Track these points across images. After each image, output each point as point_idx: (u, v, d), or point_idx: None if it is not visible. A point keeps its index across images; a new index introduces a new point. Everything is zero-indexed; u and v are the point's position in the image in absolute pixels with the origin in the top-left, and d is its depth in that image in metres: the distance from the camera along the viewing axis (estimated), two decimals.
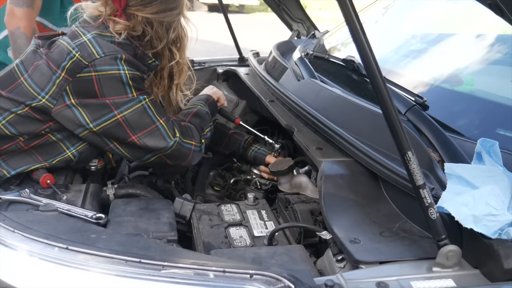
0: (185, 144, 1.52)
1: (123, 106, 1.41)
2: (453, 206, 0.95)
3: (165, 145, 1.47)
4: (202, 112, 1.70)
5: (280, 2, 2.70)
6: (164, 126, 1.47)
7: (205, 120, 1.68)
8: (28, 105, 1.41)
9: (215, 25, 5.92)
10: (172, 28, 1.55)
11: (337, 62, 1.87)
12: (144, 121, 1.44)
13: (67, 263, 0.92)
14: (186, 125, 1.59)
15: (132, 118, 1.42)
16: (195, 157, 1.57)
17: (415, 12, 2.16)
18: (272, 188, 1.76)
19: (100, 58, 1.37)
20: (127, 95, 1.41)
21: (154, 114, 1.46)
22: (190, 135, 1.56)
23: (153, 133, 1.46)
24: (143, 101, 1.44)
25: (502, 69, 1.58)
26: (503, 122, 1.28)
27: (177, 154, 1.51)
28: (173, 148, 1.49)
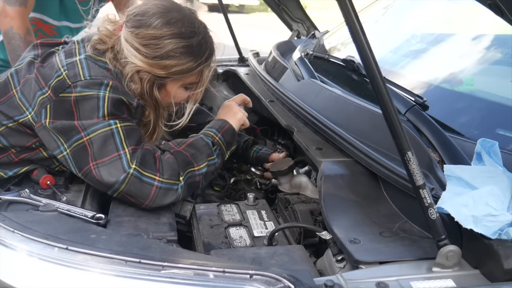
0: (144, 178, 1.30)
1: (90, 127, 1.30)
2: (452, 207, 0.95)
3: (116, 179, 1.28)
4: (199, 144, 1.46)
5: (280, 2, 2.70)
6: (127, 156, 1.30)
7: (201, 152, 1.44)
8: (17, 120, 1.40)
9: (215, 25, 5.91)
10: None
11: (337, 62, 1.87)
12: (107, 148, 1.30)
13: (67, 263, 0.92)
14: (159, 157, 1.37)
15: (96, 141, 1.30)
16: (160, 196, 1.32)
17: (415, 12, 2.16)
18: (272, 188, 1.75)
19: (84, 81, 1.32)
20: (98, 118, 1.31)
21: (122, 141, 1.31)
22: (155, 168, 1.33)
23: (112, 163, 1.29)
24: (113, 125, 1.31)
25: (502, 69, 1.58)
26: (503, 122, 1.28)
27: (134, 190, 1.30)
28: (127, 181, 1.29)
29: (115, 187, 1.30)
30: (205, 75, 1.49)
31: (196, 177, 1.41)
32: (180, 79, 1.45)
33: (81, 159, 1.32)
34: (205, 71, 1.48)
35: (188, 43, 1.40)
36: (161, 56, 1.38)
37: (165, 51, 1.38)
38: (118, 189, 1.30)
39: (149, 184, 1.31)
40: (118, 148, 1.30)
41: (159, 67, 1.40)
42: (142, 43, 1.38)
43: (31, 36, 2.13)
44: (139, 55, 1.38)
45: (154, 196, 1.31)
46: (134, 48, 1.38)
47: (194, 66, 1.43)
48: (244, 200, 1.56)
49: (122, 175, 1.28)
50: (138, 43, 1.38)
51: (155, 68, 1.40)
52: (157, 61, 1.39)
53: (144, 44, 1.38)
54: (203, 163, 1.43)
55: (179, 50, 1.39)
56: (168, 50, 1.38)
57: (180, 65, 1.40)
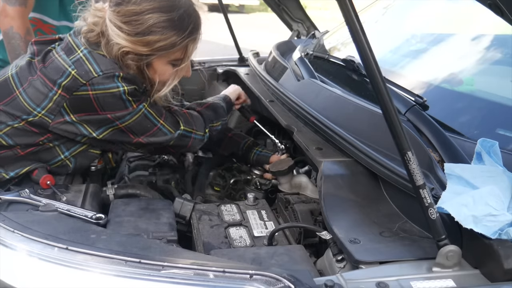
0: (186, 133, 1.57)
1: (124, 118, 1.42)
2: (453, 207, 0.95)
3: (168, 138, 1.53)
4: (217, 106, 1.74)
5: (280, 2, 2.70)
6: (165, 125, 1.51)
7: (218, 114, 1.72)
8: (24, 120, 1.40)
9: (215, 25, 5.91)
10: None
11: (337, 62, 1.87)
12: (146, 126, 1.47)
13: (67, 263, 0.92)
14: (190, 114, 1.62)
15: (134, 126, 1.45)
16: (195, 144, 1.62)
17: (415, 12, 2.16)
18: (272, 188, 1.75)
19: (98, 77, 1.35)
20: (127, 109, 1.40)
21: (154, 117, 1.48)
22: (192, 123, 1.59)
23: (156, 134, 1.50)
24: (143, 109, 1.44)
25: (502, 69, 1.58)
26: (503, 122, 1.28)
27: (178, 143, 1.57)
28: (175, 138, 1.54)
29: (163, 144, 1.54)
30: (189, 50, 1.47)
31: (213, 132, 1.68)
32: (165, 56, 1.43)
33: (122, 137, 1.48)
34: (189, 45, 1.46)
35: (170, 16, 1.38)
36: (143, 32, 1.37)
37: (146, 26, 1.36)
38: (165, 144, 1.54)
39: (188, 137, 1.58)
40: (154, 123, 1.48)
41: (142, 44, 1.38)
42: (123, 21, 1.37)
43: (31, 36, 2.13)
44: (122, 33, 1.37)
45: (191, 145, 1.60)
46: (117, 27, 1.38)
47: (177, 41, 1.40)
48: (244, 200, 1.56)
49: (174, 135, 1.53)
50: (120, 21, 1.37)
51: (138, 45, 1.38)
52: (139, 37, 1.37)
53: (126, 22, 1.37)
54: (219, 122, 1.71)
55: (160, 25, 1.37)
56: (149, 25, 1.36)
57: (163, 40, 1.38)
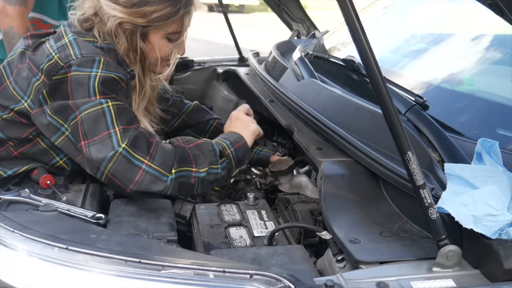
0: (133, 159, 1.28)
1: (82, 106, 1.31)
2: (453, 207, 0.95)
3: (104, 155, 1.26)
4: (206, 148, 1.42)
5: (280, 2, 2.70)
6: (117, 134, 1.28)
7: (205, 157, 1.39)
8: (12, 109, 1.41)
9: (215, 25, 5.93)
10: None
11: (337, 62, 1.87)
12: (98, 126, 1.29)
13: (67, 263, 0.92)
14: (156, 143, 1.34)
15: (87, 120, 1.30)
16: (146, 182, 1.28)
17: (415, 12, 2.16)
18: (272, 188, 1.75)
19: (76, 59, 1.34)
20: (89, 97, 1.32)
21: (112, 120, 1.30)
22: (146, 152, 1.30)
23: (102, 142, 1.28)
24: (104, 104, 1.31)
25: (502, 69, 1.58)
26: (503, 122, 1.28)
27: (121, 170, 1.27)
28: (115, 160, 1.26)
29: (103, 165, 1.27)
30: (185, 22, 1.48)
31: (192, 178, 1.35)
32: (161, 28, 1.44)
33: (76, 138, 1.33)
34: (185, 17, 1.47)
35: None
36: (139, 3, 1.39)
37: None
38: (106, 167, 1.27)
39: (136, 166, 1.28)
40: (108, 126, 1.29)
41: (139, 15, 1.40)
42: None
43: None
44: (118, 6, 1.39)
45: (139, 180, 1.28)
46: (112, 1, 1.39)
47: (173, 12, 1.42)
48: (244, 200, 1.55)
49: (110, 152, 1.26)
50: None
51: (135, 16, 1.40)
52: (136, 8, 1.39)
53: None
54: (204, 168, 1.38)
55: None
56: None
57: (159, 10, 1.40)
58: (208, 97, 2.70)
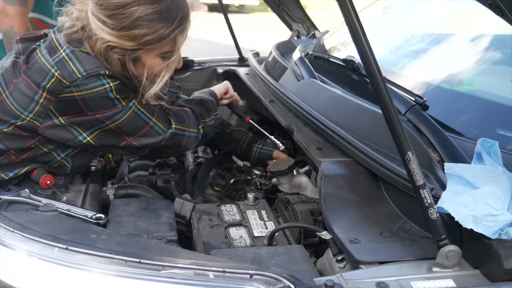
0: (179, 132, 1.51)
1: (113, 117, 1.36)
2: (453, 207, 0.95)
3: (161, 139, 1.46)
4: (206, 101, 1.68)
5: (280, 2, 2.70)
6: (157, 124, 1.45)
7: (209, 109, 1.66)
8: (13, 124, 1.37)
9: (215, 25, 5.93)
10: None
11: (337, 62, 1.87)
12: (138, 125, 1.42)
13: (67, 263, 0.92)
14: (182, 111, 1.56)
15: (125, 125, 1.39)
16: (189, 142, 1.55)
17: (415, 12, 2.16)
18: (272, 188, 1.75)
19: (82, 77, 1.30)
20: (116, 107, 1.35)
21: (145, 115, 1.42)
22: (184, 121, 1.53)
23: (148, 133, 1.44)
24: (133, 107, 1.39)
25: (502, 69, 1.58)
26: (503, 122, 1.28)
27: (171, 142, 1.50)
28: (167, 138, 1.48)
29: (156, 145, 1.47)
30: (179, 41, 1.40)
31: (206, 128, 1.63)
32: (153, 50, 1.37)
33: (112, 139, 1.43)
34: (178, 37, 1.38)
35: (156, 8, 1.31)
36: (128, 26, 1.30)
37: (132, 20, 1.30)
38: (158, 145, 1.47)
39: (181, 136, 1.52)
40: (146, 121, 1.43)
41: (128, 39, 1.32)
42: (107, 14, 1.30)
43: None
44: (106, 28, 1.31)
45: (185, 143, 1.53)
46: (100, 21, 1.31)
47: (166, 34, 1.34)
48: (244, 200, 1.56)
49: (166, 134, 1.47)
50: (103, 15, 1.30)
51: (124, 40, 1.32)
52: (125, 32, 1.31)
53: (109, 15, 1.30)
54: (210, 117, 1.65)
55: (146, 18, 1.30)
56: (135, 18, 1.30)
57: (150, 34, 1.32)
58: None
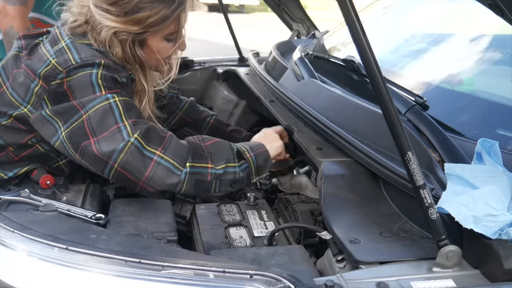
0: (145, 151, 1.24)
1: (88, 104, 1.28)
2: (453, 207, 0.95)
3: (120, 146, 1.23)
4: (223, 145, 1.38)
5: (280, 2, 2.70)
6: (127, 128, 1.25)
7: (220, 154, 1.34)
8: (11, 115, 1.38)
9: (215, 25, 5.92)
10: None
11: (337, 62, 1.87)
12: (106, 122, 1.26)
13: (67, 263, 0.92)
14: (170, 136, 1.31)
15: (95, 117, 1.27)
16: (158, 174, 1.23)
17: (415, 12, 2.16)
18: (272, 188, 1.76)
19: (76, 64, 1.31)
20: (94, 94, 1.29)
21: (121, 114, 1.27)
22: (159, 144, 1.27)
23: (112, 136, 1.24)
24: (111, 99, 1.29)
25: (502, 69, 1.58)
26: (503, 122, 1.28)
27: (132, 161, 1.23)
28: (126, 150, 1.23)
29: (113, 158, 1.23)
30: (182, 20, 1.42)
31: (208, 175, 1.29)
32: (158, 31, 1.39)
33: (78, 137, 1.27)
34: (181, 16, 1.40)
35: None
36: (132, 10, 1.33)
37: (134, 4, 1.33)
38: (116, 160, 1.23)
39: (148, 158, 1.24)
40: (117, 121, 1.26)
41: (133, 23, 1.35)
42: (109, 2, 1.33)
43: None
44: (110, 15, 1.34)
45: (151, 172, 1.23)
46: (104, 11, 1.34)
47: (168, 13, 1.36)
48: (244, 200, 1.56)
49: (121, 143, 1.23)
50: (106, 3, 1.34)
51: (130, 25, 1.35)
52: (129, 16, 1.34)
53: (112, 3, 1.33)
54: (220, 165, 1.31)
55: (148, 0, 1.33)
56: (137, 2, 1.33)
57: (154, 15, 1.34)
58: (208, 97, 2.70)
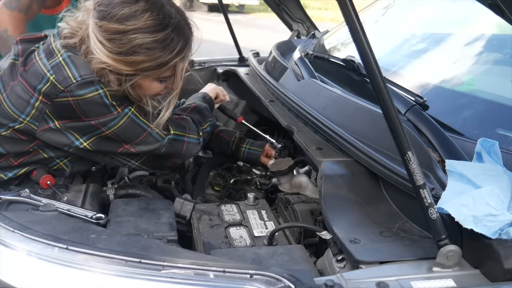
0: (178, 137, 1.49)
1: (109, 123, 1.33)
2: (453, 207, 0.95)
3: (159, 145, 1.43)
4: (201, 107, 1.70)
5: (280, 2, 2.70)
6: (154, 130, 1.42)
7: (204, 115, 1.68)
8: (11, 127, 1.35)
9: (215, 25, 5.93)
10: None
11: (337, 62, 1.87)
12: (135, 131, 1.38)
13: (67, 263, 0.92)
14: (181, 119, 1.56)
15: (121, 131, 1.36)
16: (190, 149, 1.53)
17: (415, 12, 2.16)
18: (272, 188, 1.76)
19: (76, 83, 1.28)
20: (111, 113, 1.32)
21: (142, 121, 1.39)
22: (184, 127, 1.52)
23: (146, 140, 1.41)
24: (129, 113, 1.36)
25: (502, 69, 1.58)
26: (503, 122, 1.28)
27: (170, 149, 1.47)
28: (166, 144, 1.45)
29: (154, 152, 1.44)
30: (179, 68, 1.37)
31: (205, 134, 1.64)
32: (151, 75, 1.35)
33: (109, 146, 1.40)
34: (178, 64, 1.36)
35: (156, 38, 1.28)
36: (126, 52, 1.28)
37: (130, 46, 1.27)
38: (157, 152, 1.44)
39: (181, 141, 1.50)
40: (144, 128, 1.40)
41: (125, 64, 1.29)
42: (106, 37, 1.28)
43: None
44: (104, 49, 1.28)
45: (185, 150, 1.51)
46: (99, 42, 1.29)
47: (164, 62, 1.31)
48: (244, 200, 1.56)
49: (164, 140, 1.44)
50: (102, 37, 1.28)
51: (121, 64, 1.29)
52: (122, 57, 1.28)
53: (108, 39, 1.28)
54: (206, 123, 1.68)
55: (145, 46, 1.28)
56: (134, 45, 1.27)
57: (148, 61, 1.29)
58: None
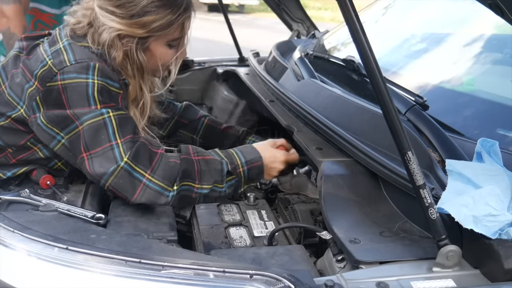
0: (134, 173, 1.27)
1: (83, 117, 1.28)
2: (453, 207, 0.95)
3: (112, 168, 1.26)
4: (214, 165, 1.37)
5: (280, 2, 2.70)
6: (120, 147, 1.28)
7: (210, 175, 1.36)
8: (9, 116, 1.38)
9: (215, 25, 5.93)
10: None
11: (337, 62, 1.87)
12: (99, 138, 1.28)
13: (67, 263, 0.92)
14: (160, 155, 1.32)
15: (88, 131, 1.28)
16: (146, 195, 1.28)
17: (415, 12, 2.16)
18: (272, 188, 1.75)
19: (70, 65, 1.30)
20: (89, 107, 1.29)
21: (114, 131, 1.29)
22: (148, 165, 1.29)
23: (104, 154, 1.27)
24: (105, 115, 1.29)
25: (502, 69, 1.58)
26: (503, 122, 1.28)
27: (122, 184, 1.27)
28: (116, 174, 1.26)
29: (104, 179, 1.27)
30: (186, 27, 1.45)
31: (193, 193, 1.34)
32: (162, 36, 1.41)
33: (75, 148, 1.31)
34: (186, 23, 1.44)
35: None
36: (137, 13, 1.35)
37: (140, 7, 1.35)
38: (107, 181, 1.27)
39: (137, 180, 1.28)
40: (110, 138, 1.28)
41: (138, 26, 1.36)
42: (115, 5, 1.35)
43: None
44: (116, 17, 1.35)
45: (140, 194, 1.28)
46: (109, 12, 1.35)
47: (173, 19, 1.39)
48: (244, 200, 1.56)
49: (112, 167, 1.26)
50: (112, 5, 1.35)
51: (135, 27, 1.36)
52: (135, 19, 1.35)
53: (118, 5, 1.35)
54: (207, 185, 1.35)
55: (154, 4, 1.36)
56: (143, 5, 1.35)
57: (159, 19, 1.37)
58: (208, 97, 2.70)
